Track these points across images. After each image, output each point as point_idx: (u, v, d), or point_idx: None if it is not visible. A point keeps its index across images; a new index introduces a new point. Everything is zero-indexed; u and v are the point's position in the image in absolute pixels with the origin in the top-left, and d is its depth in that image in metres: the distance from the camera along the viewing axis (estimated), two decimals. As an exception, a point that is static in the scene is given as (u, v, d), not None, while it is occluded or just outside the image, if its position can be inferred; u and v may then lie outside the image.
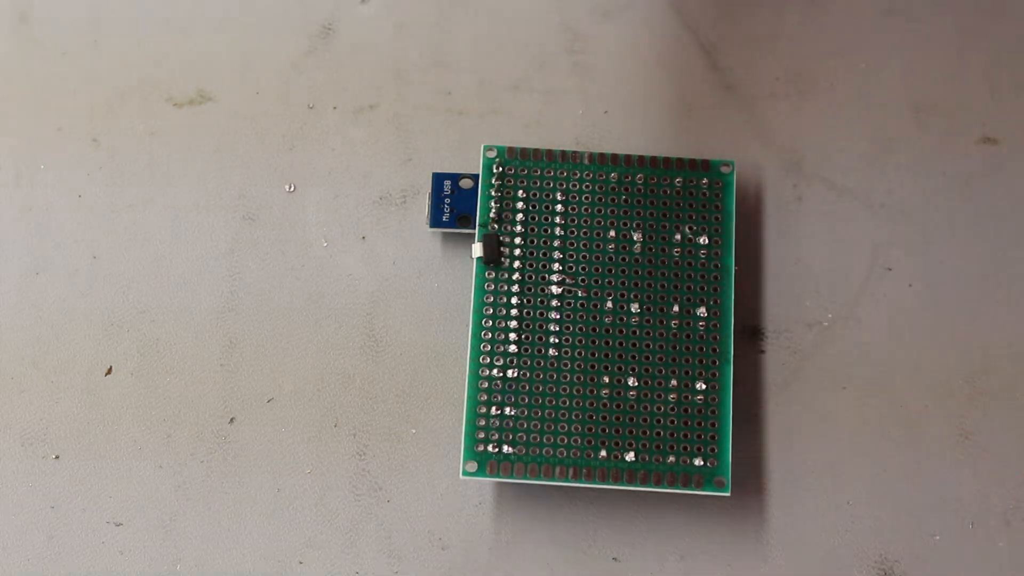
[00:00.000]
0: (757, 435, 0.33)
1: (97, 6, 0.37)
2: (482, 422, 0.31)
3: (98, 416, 0.32)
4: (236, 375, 0.33)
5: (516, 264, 0.32)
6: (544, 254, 0.32)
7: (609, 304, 0.32)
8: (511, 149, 0.33)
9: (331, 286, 0.34)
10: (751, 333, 0.34)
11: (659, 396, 0.31)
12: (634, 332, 0.32)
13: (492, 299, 0.32)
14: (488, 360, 0.31)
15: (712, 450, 0.31)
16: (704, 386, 0.31)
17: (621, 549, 0.31)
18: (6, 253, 0.34)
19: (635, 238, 0.33)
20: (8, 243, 0.34)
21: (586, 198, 0.33)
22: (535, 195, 0.33)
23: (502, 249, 0.32)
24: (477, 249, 0.32)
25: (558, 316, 0.32)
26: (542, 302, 0.32)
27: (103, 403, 0.33)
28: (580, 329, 0.32)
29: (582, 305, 0.32)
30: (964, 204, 0.35)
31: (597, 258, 0.32)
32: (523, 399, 0.31)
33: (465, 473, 0.30)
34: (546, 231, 0.33)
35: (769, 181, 0.35)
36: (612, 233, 0.33)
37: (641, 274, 0.32)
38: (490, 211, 0.33)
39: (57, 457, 0.32)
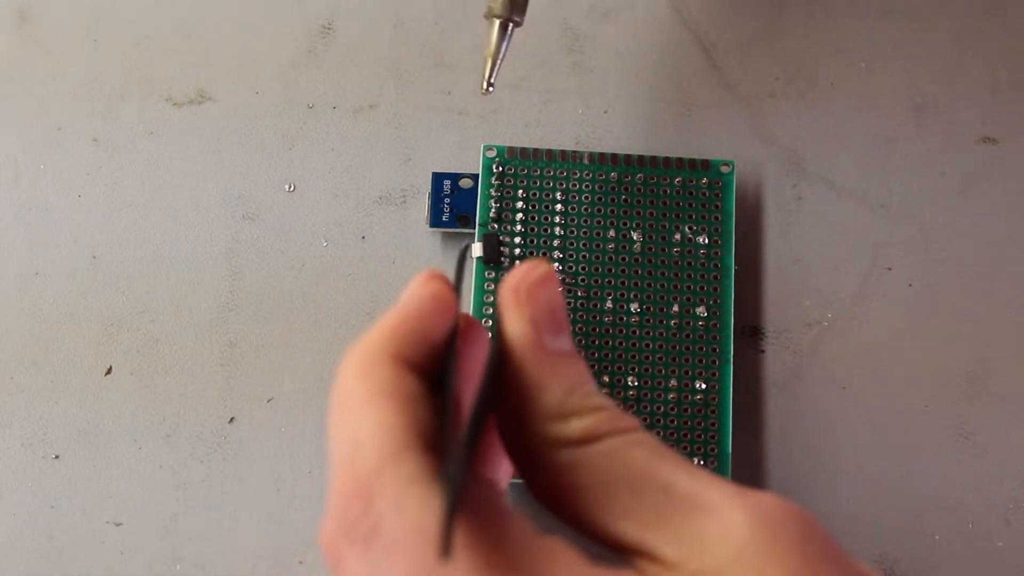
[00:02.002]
0: (757, 435, 0.33)
1: (97, 6, 0.37)
2: (482, 422, 0.31)
3: (98, 416, 0.32)
4: (236, 375, 0.33)
5: (516, 264, 0.32)
6: (544, 254, 0.32)
7: (609, 304, 0.32)
8: (511, 149, 0.33)
9: (331, 286, 0.34)
10: (751, 333, 0.34)
11: (659, 396, 0.31)
12: (634, 332, 0.32)
13: (492, 299, 0.32)
14: (488, 360, 0.31)
15: (712, 450, 0.31)
16: (704, 386, 0.31)
17: (621, 549, 0.31)
18: (6, 253, 0.34)
19: (635, 237, 0.33)
20: (8, 243, 0.34)
21: (586, 198, 0.33)
22: (535, 195, 0.33)
23: (502, 249, 0.32)
24: (477, 249, 0.32)
25: (558, 316, 0.32)
26: (542, 302, 0.32)
27: (103, 403, 0.33)
28: (580, 329, 0.32)
29: (582, 305, 0.32)
30: (964, 204, 0.35)
31: (597, 258, 0.32)
32: (523, 399, 0.31)
33: (465, 473, 0.30)
34: (546, 231, 0.33)
35: (769, 181, 0.35)
36: (612, 233, 0.33)
37: (641, 274, 0.32)
38: (490, 211, 0.33)
39: (57, 457, 0.32)
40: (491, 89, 0.30)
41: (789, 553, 0.17)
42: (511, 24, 0.30)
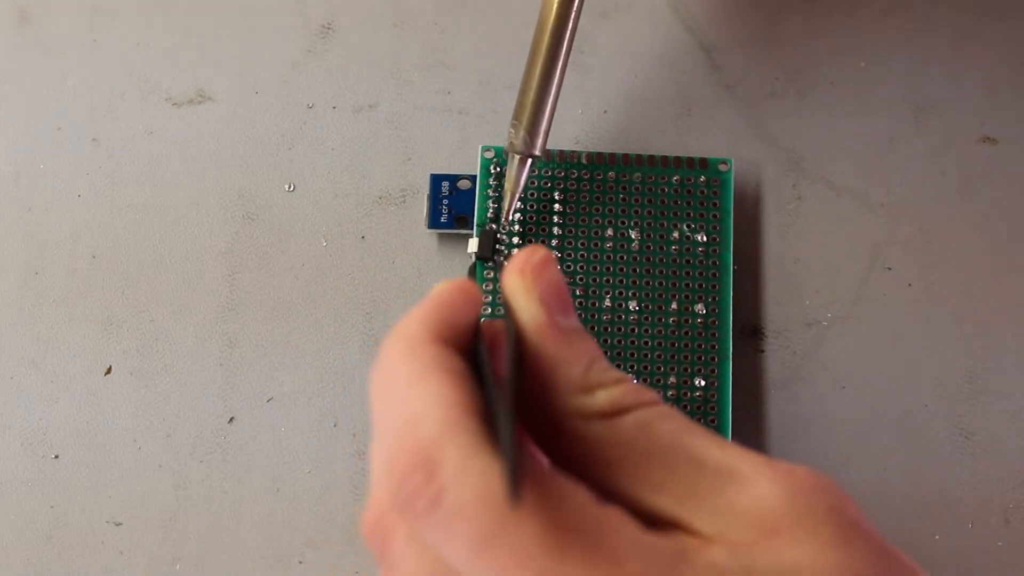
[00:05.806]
0: (757, 434, 0.32)
1: (97, 6, 0.37)
2: (481, 421, 0.31)
3: (98, 416, 0.32)
4: (236, 375, 0.33)
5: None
6: (543, 253, 0.32)
7: (607, 302, 0.32)
8: (510, 149, 0.33)
9: (330, 286, 0.34)
10: (751, 332, 0.34)
11: (658, 393, 0.31)
12: (632, 330, 0.32)
13: (491, 298, 0.32)
14: (487, 359, 0.31)
15: (711, 449, 0.31)
16: (703, 383, 0.31)
17: (620, 549, 0.31)
18: (6, 253, 0.34)
19: (633, 236, 0.33)
20: (8, 243, 0.34)
21: (584, 197, 0.33)
22: (533, 194, 0.33)
23: (497, 247, 0.32)
24: (472, 244, 0.32)
25: (557, 315, 0.32)
26: (541, 301, 0.32)
27: (103, 403, 0.33)
28: (579, 328, 0.32)
29: (580, 303, 0.32)
30: (964, 204, 0.35)
31: (595, 256, 0.32)
32: (522, 398, 0.31)
33: (464, 472, 0.30)
34: (544, 230, 0.33)
35: (769, 180, 0.35)
36: (610, 231, 0.33)
37: (639, 272, 0.32)
38: (488, 211, 0.33)
39: (57, 457, 0.32)
40: (510, 222, 0.33)
41: (824, 525, 0.17)
42: (531, 159, 0.32)
